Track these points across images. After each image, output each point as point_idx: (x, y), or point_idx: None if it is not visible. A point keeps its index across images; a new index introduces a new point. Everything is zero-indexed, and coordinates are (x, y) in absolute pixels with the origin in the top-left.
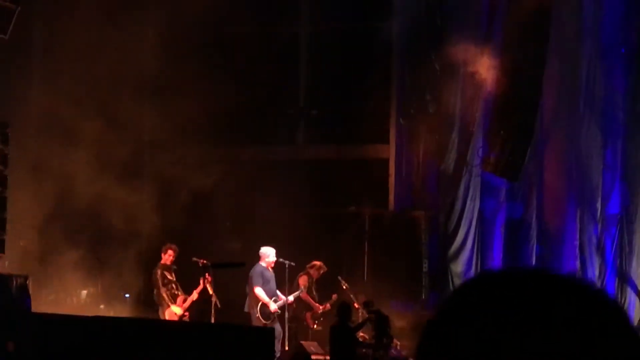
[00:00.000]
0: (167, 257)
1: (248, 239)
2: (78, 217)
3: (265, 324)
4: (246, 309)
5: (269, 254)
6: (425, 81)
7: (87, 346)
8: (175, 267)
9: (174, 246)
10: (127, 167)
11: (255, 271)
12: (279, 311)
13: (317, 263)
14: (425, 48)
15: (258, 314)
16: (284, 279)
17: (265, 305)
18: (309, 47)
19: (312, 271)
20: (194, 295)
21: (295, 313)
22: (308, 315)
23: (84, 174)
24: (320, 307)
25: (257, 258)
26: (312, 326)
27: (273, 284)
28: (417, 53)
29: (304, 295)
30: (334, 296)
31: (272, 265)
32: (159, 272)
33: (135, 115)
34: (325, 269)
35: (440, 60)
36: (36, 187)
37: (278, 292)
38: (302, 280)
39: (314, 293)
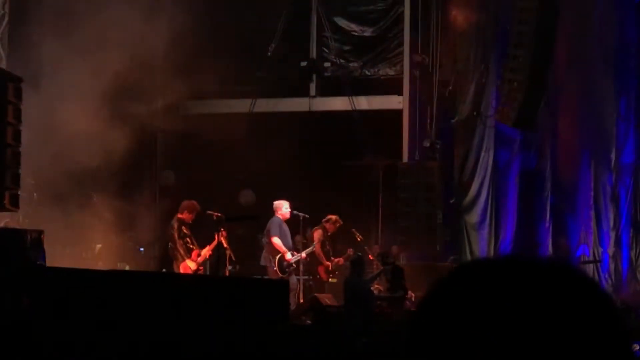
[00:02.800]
0: (188, 215)
1: (262, 193)
2: (92, 172)
3: (281, 276)
4: (262, 263)
5: (283, 205)
6: (438, 32)
7: (101, 300)
8: (190, 221)
9: (194, 204)
10: (141, 123)
11: (273, 222)
12: (294, 265)
13: (333, 217)
14: None
15: (275, 267)
16: (297, 231)
17: (282, 257)
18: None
19: (327, 225)
20: (209, 249)
21: (309, 266)
22: (321, 268)
23: (97, 130)
24: (330, 264)
25: (271, 211)
26: (325, 279)
27: (289, 237)
28: (429, 3)
29: (317, 250)
30: (350, 250)
31: (287, 217)
32: (175, 225)
33: (147, 75)
34: (341, 222)
35: (452, 12)
36: (49, 141)
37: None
38: (317, 234)
39: (327, 247)
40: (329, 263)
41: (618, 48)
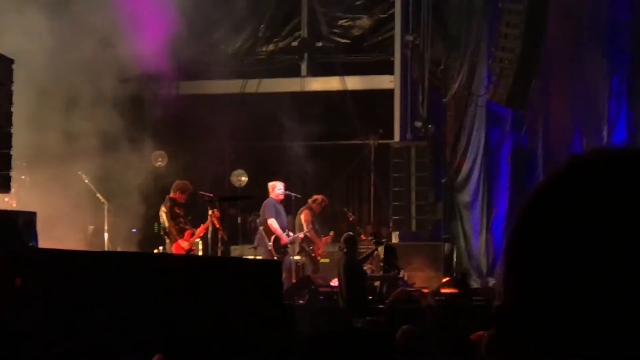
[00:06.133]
0: (180, 195)
1: (254, 173)
2: (84, 152)
3: (276, 257)
4: (255, 244)
5: (277, 186)
6: (429, 11)
7: (94, 281)
8: (183, 201)
9: (187, 184)
10: (133, 103)
11: (268, 204)
12: (289, 246)
13: (319, 197)
14: None
15: (271, 247)
16: (289, 211)
17: (278, 238)
18: None
19: (313, 205)
20: (201, 229)
21: (301, 247)
22: (315, 248)
23: (89, 110)
24: (322, 244)
25: (265, 192)
26: (317, 258)
27: (284, 218)
28: None
29: (308, 231)
30: (331, 233)
31: (282, 198)
32: (168, 206)
33: (140, 55)
34: (327, 202)
35: None
36: (41, 123)
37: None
38: (305, 215)
39: (316, 227)
40: (321, 242)
41: (610, 25)
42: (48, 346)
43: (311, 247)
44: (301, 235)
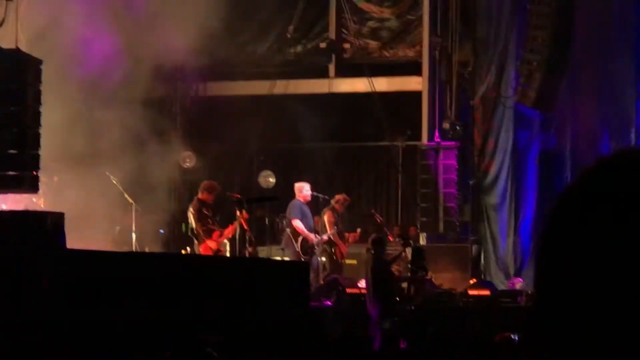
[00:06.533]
0: (208, 194)
1: (282, 174)
2: (112, 152)
3: (304, 258)
4: (282, 246)
5: (304, 187)
6: (457, 12)
7: (121, 282)
8: (211, 201)
9: (215, 184)
10: (162, 105)
11: (293, 205)
12: (317, 247)
13: (340, 197)
14: None
15: (298, 248)
16: (316, 212)
17: (305, 239)
18: None
19: (336, 206)
20: (229, 230)
21: (323, 249)
22: (337, 250)
23: (114, 110)
24: (345, 246)
25: (292, 193)
26: (342, 259)
27: (310, 219)
28: None
29: (333, 235)
30: (359, 230)
31: (308, 199)
32: (195, 206)
33: (168, 57)
34: (349, 200)
35: None
36: (69, 124)
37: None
38: (328, 216)
39: (340, 227)
40: (344, 244)
41: (637, 27)
42: (73, 345)
43: (334, 249)
44: (325, 237)
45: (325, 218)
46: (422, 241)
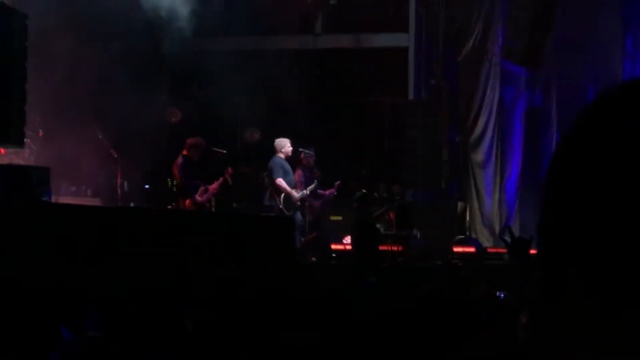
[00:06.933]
0: (193, 151)
1: (267, 130)
2: (97, 109)
3: (287, 214)
4: (266, 202)
5: (284, 144)
6: None
7: (106, 237)
8: (196, 158)
9: (200, 141)
10: (147, 60)
11: (274, 163)
12: (299, 203)
13: (301, 155)
14: None
15: (281, 205)
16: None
17: (288, 196)
18: None
19: (304, 162)
20: (215, 186)
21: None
22: (310, 208)
23: (100, 65)
24: (319, 203)
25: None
26: (316, 213)
27: (292, 175)
28: None
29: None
30: (336, 184)
31: (289, 155)
32: (180, 162)
33: (153, 12)
34: (309, 155)
35: None
36: (55, 78)
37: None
38: (297, 176)
39: (319, 178)
40: (318, 201)
41: None
42: (56, 301)
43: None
44: (307, 191)
45: (296, 177)
46: (408, 198)
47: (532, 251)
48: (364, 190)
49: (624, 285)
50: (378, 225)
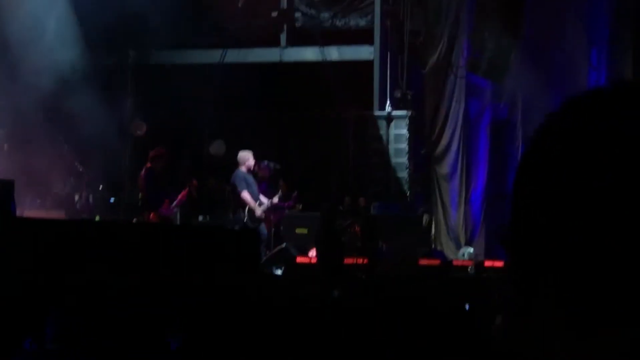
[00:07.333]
0: (156, 162)
1: (232, 143)
2: (63, 122)
3: (251, 227)
4: (230, 215)
5: (247, 157)
6: None
7: (71, 250)
8: (161, 170)
9: (163, 151)
10: (112, 73)
11: (237, 176)
12: (264, 215)
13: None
14: None
15: (245, 218)
16: (272, 180)
17: (251, 209)
18: None
19: (260, 174)
20: (180, 198)
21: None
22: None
23: (68, 79)
24: (276, 214)
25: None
26: (271, 224)
27: (255, 187)
28: None
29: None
30: (282, 185)
31: (252, 168)
32: (144, 174)
33: (119, 25)
34: (267, 166)
35: None
36: (20, 91)
37: (261, 196)
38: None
39: (284, 190)
40: (276, 212)
41: None
42: (22, 314)
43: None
44: (276, 200)
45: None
46: (373, 211)
47: (499, 263)
48: (329, 203)
49: (601, 296)
50: (343, 238)
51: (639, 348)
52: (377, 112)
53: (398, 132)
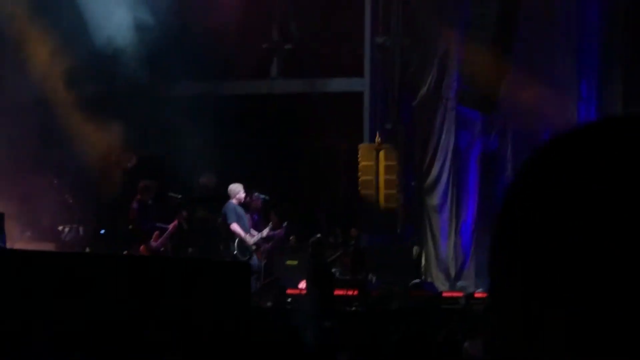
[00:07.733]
0: (146, 194)
1: (222, 175)
2: (52, 156)
3: (242, 260)
4: (221, 247)
5: (237, 190)
6: (399, 13)
7: (61, 283)
8: (151, 202)
9: (152, 183)
10: (103, 105)
11: (228, 208)
12: (254, 247)
13: (247, 198)
14: None
15: (235, 251)
16: (262, 211)
17: (242, 241)
18: None
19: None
20: (170, 230)
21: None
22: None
23: (58, 114)
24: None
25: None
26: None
27: (246, 220)
28: None
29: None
30: (272, 217)
31: (242, 200)
32: (135, 207)
33: (112, 57)
34: (256, 198)
35: None
36: (9, 127)
37: (251, 230)
38: (248, 220)
39: (275, 222)
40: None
41: (580, 30)
42: (12, 347)
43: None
44: (265, 233)
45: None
46: (364, 242)
47: (481, 294)
48: (318, 235)
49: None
50: (333, 270)
51: None
52: (367, 143)
53: (388, 164)
